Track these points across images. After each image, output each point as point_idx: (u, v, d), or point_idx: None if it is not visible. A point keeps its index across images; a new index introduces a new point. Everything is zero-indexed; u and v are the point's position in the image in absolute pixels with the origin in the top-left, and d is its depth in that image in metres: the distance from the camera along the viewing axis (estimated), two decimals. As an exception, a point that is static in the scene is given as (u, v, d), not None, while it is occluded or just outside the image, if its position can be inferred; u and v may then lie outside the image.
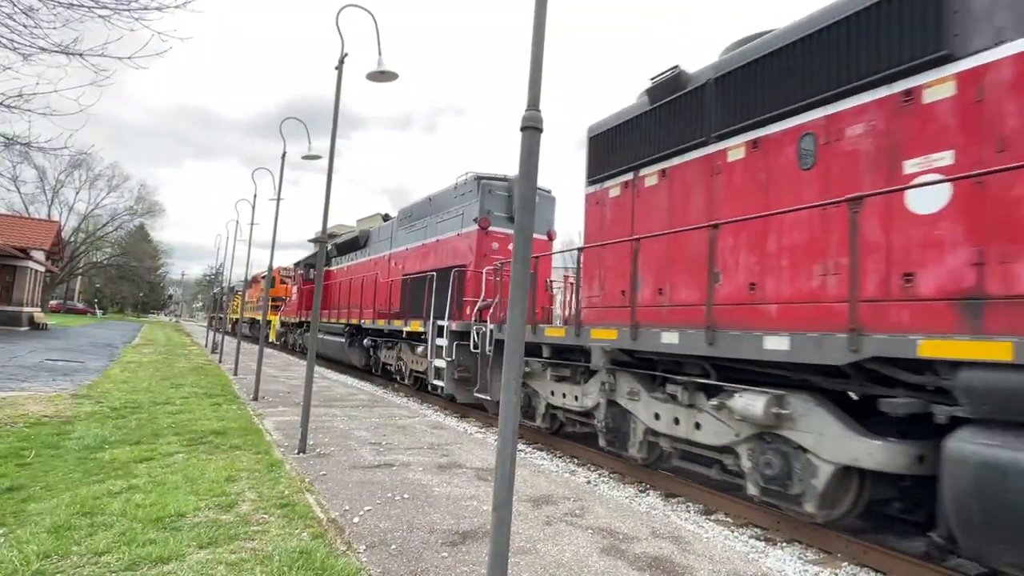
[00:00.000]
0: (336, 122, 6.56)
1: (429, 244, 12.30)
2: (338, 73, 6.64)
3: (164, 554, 3.35)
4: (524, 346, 2.50)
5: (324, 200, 6.66)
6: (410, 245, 13.11)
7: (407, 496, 4.82)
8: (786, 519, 4.93)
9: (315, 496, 4.69)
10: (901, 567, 4.09)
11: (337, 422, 8.20)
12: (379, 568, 3.40)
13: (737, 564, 3.82)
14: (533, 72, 2.56)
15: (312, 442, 6.60)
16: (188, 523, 3.89)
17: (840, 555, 4.42)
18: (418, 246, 12.75)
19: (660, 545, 4.05)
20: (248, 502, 4.41)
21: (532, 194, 2.51)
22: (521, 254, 2.48)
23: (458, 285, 10.40)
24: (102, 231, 60.80)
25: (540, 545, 3.91)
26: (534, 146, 2.48)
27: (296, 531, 3.85)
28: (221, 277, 28.70)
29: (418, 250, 12.72)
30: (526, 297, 2.52)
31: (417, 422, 8.69)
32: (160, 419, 7.56)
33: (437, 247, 11.90)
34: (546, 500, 4.97)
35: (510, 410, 2.47)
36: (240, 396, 10.20)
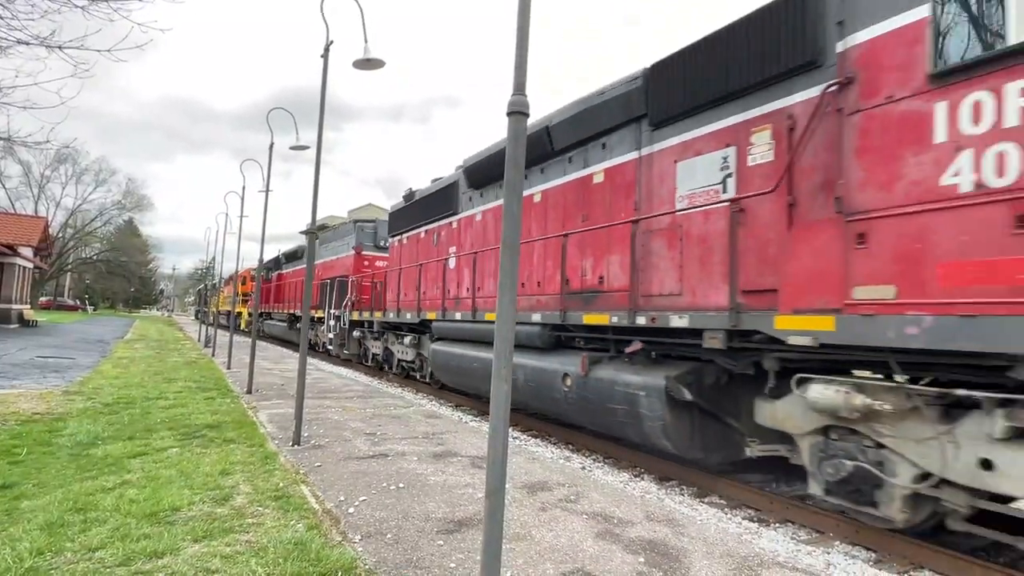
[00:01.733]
0: (323, 111, 6.48)
1: (331, 260, 18.22)
2: (324, 61, 6.54)
3: (158, 548, 3.34)
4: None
5: (312, 191, 6.60)
6: (325, 259, 18.57)
7: (402, 485, 4.83)
8: (779, 500, 4.98)
9: (310, 487, 4.69)
10: (892, 544, 4.14)
11: (331, 413, 8.19)
12: (374, 558, 3.41)
13: (731, 545, 3.85)
14: (519, 57, 2.52)
15: (307, 434, 6.59)
16: (182, 517, 3.88)
17: (832, 534, 4.47)
18: (328, 260, 18.42)
19: (654, 528, 4.08)
20: (243, 495, 4.41)
21: (520, 179, 2.49)
22: (509, 240, 2.46)
23: (340, 288, 15.99)
24: (90, 226, 60.18)
25: (535, 531, 3.93)
26: (520, 131, 2.45)
27: (291, 523, 3.85)
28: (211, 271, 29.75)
29: (328, 263, 18.35)
30: (515, 287, 2.51)
31: (412, 412, 8.69)
32: (153, 414, 7.53)
33: (335, 263, 17.79)
34: (541, 487, 4.99)
35: (502, 398, 2.46)
36: (234, 389, 10.17)
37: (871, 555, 4.17)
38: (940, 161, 3.48)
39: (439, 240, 11.16)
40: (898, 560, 4.03)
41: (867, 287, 3.77)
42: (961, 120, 3.41)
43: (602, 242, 6.66)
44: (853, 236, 3.87)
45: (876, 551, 4.18)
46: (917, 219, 3.54)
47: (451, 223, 10.68)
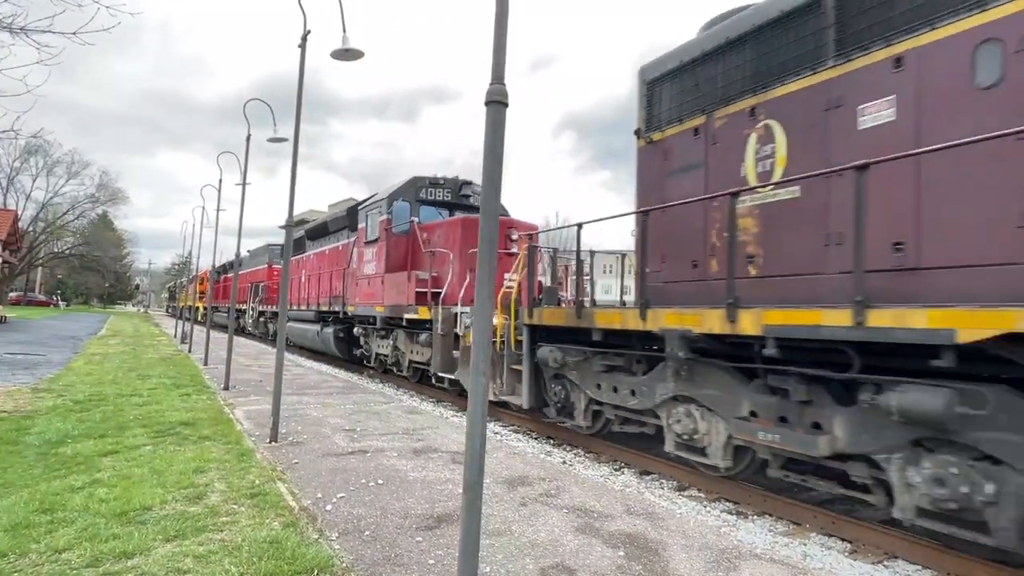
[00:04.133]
0: (300, 103, 6.37)
1: (253, 270, 25.61)
2: (301, 52, 6.43)
3: (128, 549, 3.26)
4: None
5: (290, 184, 6.49)
6: (250, 270, 25.92)
7: (381, 482, 4.78)
8: (756, 492, 5.03)
9: (287, 485, 4.62)
10: (868, 535, 4.20)
11: (310, 410, 8.09)
12: (352, 555, 3.36)
13: (709, 538, 3.87)
14: (497, 47, 2.48)
15: (284, 430, 6.50)
16: (154, 516, 3.79)
17: (809, 526, 4.52)
18: (251, 270, 25.83)
19: (634, 522, 4.09)
20: (217, 493, 4.32)
21: (499, 172, 2.45)
22: (488, 234, 2.42)
23: (255, 289, 24.12)
24: (62, 220, 58.70)
25: (515, 526, 3.91)
26: (499, 121, 2.41)
27: (266, 521, 3.78)
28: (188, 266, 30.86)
29: (252, 272, 25.65)
30: (493, 280, 2.47)
31: (392, 408, 8.62)
32: (126, 411, 7.36)
33: (257, 272, 25.07)
34: (521, 481, 4.97)
35: (479, 392, 2.43)
36: (210, 386, 10.00)
37: (847, 546, 4.22)
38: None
39: (300, 264, 18.64)
40: (872, 550, 4.09)
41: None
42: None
43: (337, 276, 14.73)
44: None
45: (851, 542, 4.24)
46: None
47: (303, 256, 18.55)
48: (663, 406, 5.68)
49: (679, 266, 5.90)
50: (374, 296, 12.09)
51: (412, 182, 11.82)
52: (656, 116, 6.43)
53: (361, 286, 12.80)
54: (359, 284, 12.89)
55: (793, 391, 4.49)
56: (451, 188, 12.16)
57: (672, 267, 6.01)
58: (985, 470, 3.51)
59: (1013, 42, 3.66)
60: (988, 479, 3.48)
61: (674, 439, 5.56)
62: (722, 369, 5.12)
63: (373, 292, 12.20)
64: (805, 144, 4.84)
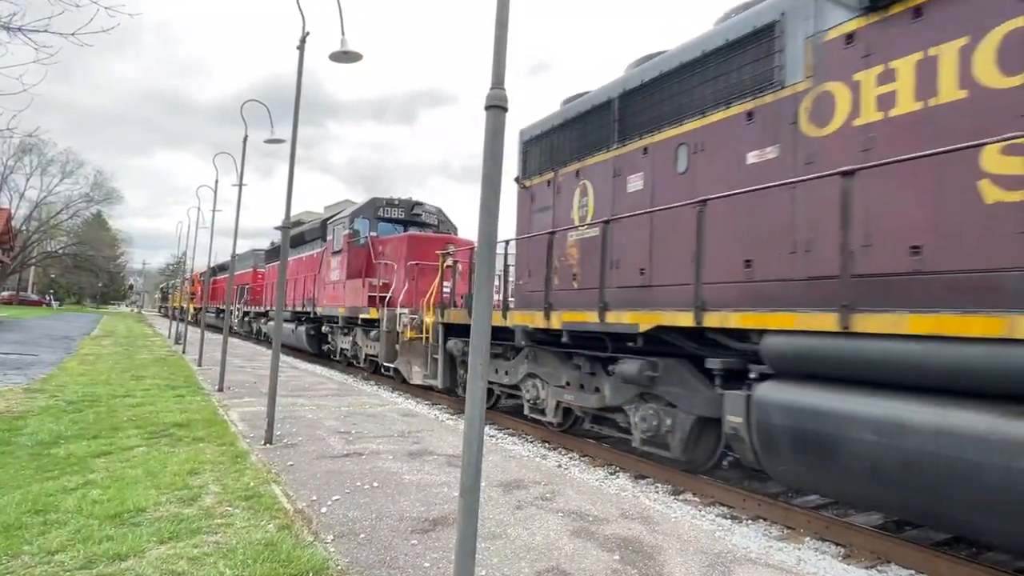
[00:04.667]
0: (298, 104, 6.37)
1: (240, 273, 25.02)
2: (300, 54, 6.43)
3: (122, 551, 3.24)
4: (484, 330, 2.46)
5: (287, 185, 6.48)
6: (237, 272, 23.27)
7: (376, 484, 4.77)
8: (751, 497, 5.04)
9: (281, 487, 4.61)
10: (860, 540, 4.22)
11: (305, 411, 8.06)
12: (347, 558, 3.35)
13: (704, 542, 3.88)
14: (497, 51, 2.49)
15: (279, 432, 6.48)
16: (148, 518, 3.77)
17: (803, 530, 4.54)
18: (239, 273, 24.65)
19: (629, 526, 4.10)
20: (212, 495, 4.30)
21: (498, 175, 2.46)
22: (487, 238, 2.43)
23: (242, 291, 24.77)
24: (56, 219, 58.33)
25: (511, 530, 3.91)
26: (499, 125, 2.42)
27: (261, 523, 3.77)
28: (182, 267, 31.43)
29: (239, 274, 24.83)
30: (492, 282, 2.48)
31: (387, 410, 8.61)
32: (120, 412, 7.32)
33: (244, 275, 25.36)
34: (517, 485, 4.97)
35: (477, 395, 2.43)
36: (204, 387, 9.96)
37: (840, 550, 4.24)
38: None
39: (270, 273, 21.81)
40: (866, 555, 4.10)
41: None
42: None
43: (311, 281, 16.21)
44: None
45: (845, 546, 4.26)
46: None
47: (272, 266, 21.32)
48: (522, 381, 7.73)
49: (536, 279, 7.79)
50: (338, 299, 14.08)
51: (372, 202, 14.30)
52: (528, 168, 8.59)
53: (328, 290, 14.89)
54: (327, 288, 15.01)
55: (583, 366, 6.66)
56: (405, 208, 14.48)
57: (534, 280, 8.01)
58: (667, 411, 5.55)
59: (693, 145, 5.86)
60: (668, 416, 5.53)
61: (527, 405, 7.62)
62: (551, 353, 7.14)
63: (337, 295, 14.22)
64: (602, 199, 7.04)
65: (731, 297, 5.14)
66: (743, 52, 5.42)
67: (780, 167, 4.94)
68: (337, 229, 14.68)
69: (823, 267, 4.47)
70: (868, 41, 4.47)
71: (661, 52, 6.49)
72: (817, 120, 4.76)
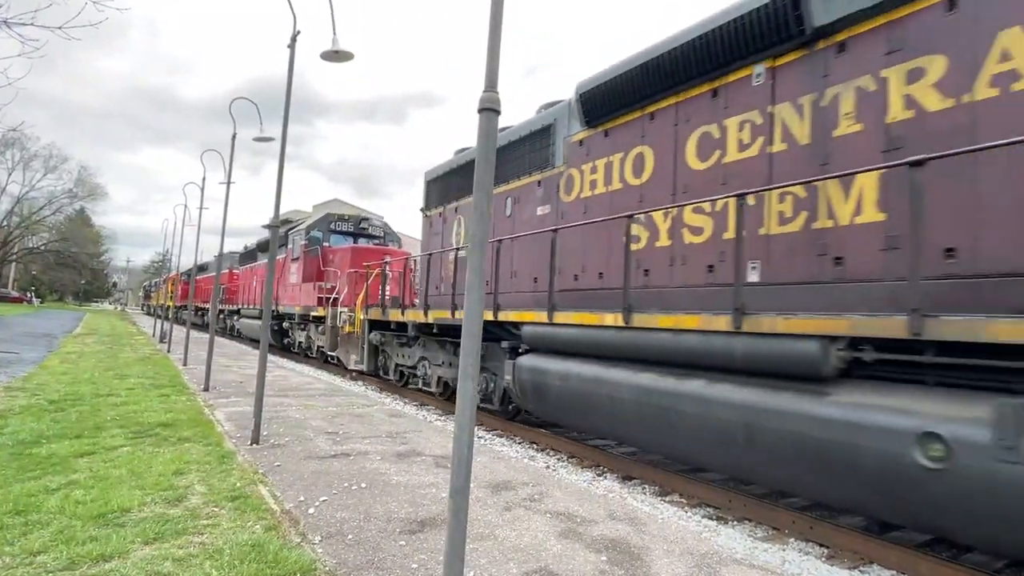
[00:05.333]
0: (288, 103, 6.33)
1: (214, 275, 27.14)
2: (290, 52, 6.39)
3: (105, 552, 3.20)
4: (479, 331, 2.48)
5: (276, 184, 6.44)
6: (212, 274, 24.61)
7: (364, 485, 4.76)
8: (737, 498, 5.09)
9: (268, 487, 4.58)
10: (844, 540, 4.28)
11: (292, 412, 8.01)
12: (334, 559, 3.34)
13: (690, 543, 3.92)
14: (491, 53, 2.50)
15: (266, 432, 6.43)
16: (132, 519, 3.73)
17: (787, 531, 4.59)
18: (212, 275, 23.76)
19: (616, 527, 4.12)
20: (198, 495, 4.27)
21: (490, 177, 2.47)
22: (479, 237, 2.44)
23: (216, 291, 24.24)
24: (38, 215, 57.44)
25: (499, 531, 3.92)
26: (492, 128, 2.43)
27: (248, 524, 3.74)
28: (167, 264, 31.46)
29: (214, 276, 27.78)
30: (482, 284, 2.49)
31: (375, 410, 8.58)
32: (103, 411, 7.23)
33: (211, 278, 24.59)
34: (505, 486, 4.98)
35: (468, 396, 2.44)
36: (190, 387, 9.86)
37: (824, 551, 4.30)
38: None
39: (252, 271, 22.38)
40: (849, 556, 4.16)
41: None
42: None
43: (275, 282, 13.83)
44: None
45: (828, 547, 4.31)
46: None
47: (254, 265, 22.27)
48: (418, 363, 10.35)
49: (436, 285, 10.27)
50: (295, 299, 16.72)
51: (325, 217, 17.22)
52: (429, 201, 11.21)
53: (288, 291, 17.53)
54: (287, 289, 17.62)
55: (450, 350, 9.26)
56: (353, 222, 17.22)
57: (425, 287, 10.31)
58: (491, 378, 8.30)
59: (514, 198, 8.41)
60: (491, 382, 8.31)
61: (420, 381, 10.29)
62: (434, 340, 9.67)
63: (294, 296, 16.91)
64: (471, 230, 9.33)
65: (526, 301, 7.70)
66: (539, 140, 8.02)
67: (551, 219, 7.59)
68: (296, 238, 17.19)
69: (565, 284, 7.20)
70: (588, 145, 7.14)
71: (510, 126, 8.82)
72: (566, 191, 7.50)
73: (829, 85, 4.67)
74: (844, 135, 4.54)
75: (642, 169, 6.37)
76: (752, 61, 5.25)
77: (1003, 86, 3.68)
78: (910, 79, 4.18)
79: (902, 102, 4.21)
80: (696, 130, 5.76)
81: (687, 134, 5.86)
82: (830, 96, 4.65)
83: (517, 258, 8.05)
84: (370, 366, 11.81)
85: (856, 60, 4.50)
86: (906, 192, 3.71)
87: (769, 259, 5.00)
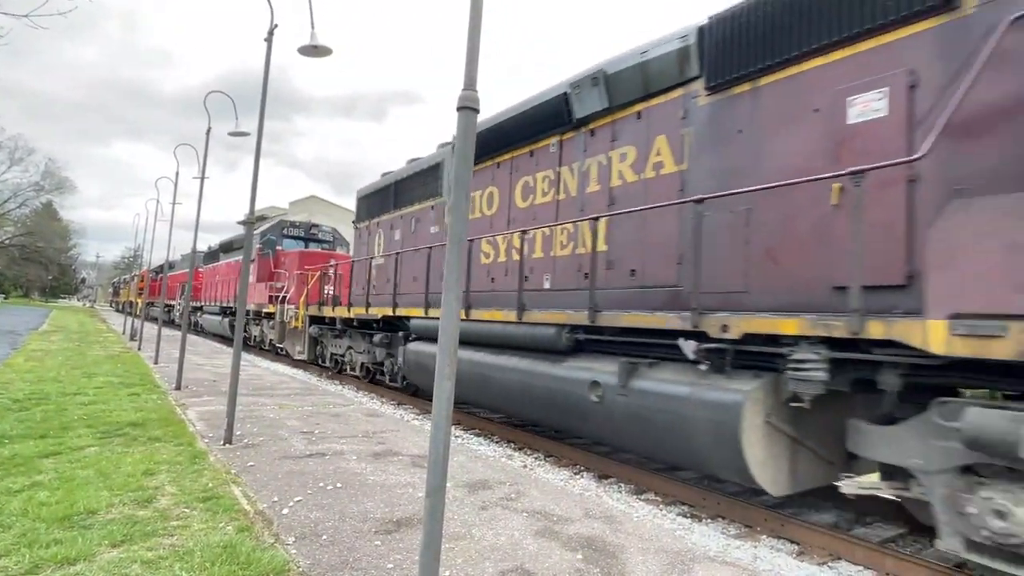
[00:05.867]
0: (265, 98, 6.24)
1: (181, 272, 28.03)
2: (267, 46, 6.30)
3: (71, 555, 3.12)
4: (454, 329, 2.48)
5: (252, 180, 6.34)
6: (179, 271, 29.18)
7: (340, 485, 4.71)
8: (711, 496, 5.16)
9: (241, 488, 4.51)
10: (813, 538, 4.37)
11: (267, 411, 7.90)
12: (308, 560, 3.30)
13: (665, 541, 3.96)
14: (470, 52, 2.50)
15: (239, 432, 6.33)
16: (99, 521, 3.64)
17: (760, 529, 4.67)
18: (179, 272, 28.84)
19: (592, 525, 4.15)
20: (168, 496, 4.18)
21: (468, 175, 2.46)
22: (457, 236, 2.44)
23: (182, 289, 24.59)
24: (3, 208, 55.65)
25: (475, 530, 3.92)
26: (471, 127, 2.43)
27: (220, 524, 3.68)
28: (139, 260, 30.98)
29: (181, 274, 27.63)
30: (460, 283, 2.48)
31: (352, 410, 8.50)
32: (70, 410, 7.04)
33: (184, 274, 23.65)
34: (482, 485, 4.98)
35: (445, 395, 2.43)
36: (161, 385, 9.66)
37: (794, 548, 4.38)
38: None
39: (215, 271, 24.07)
40: (818, 552, 4.25)
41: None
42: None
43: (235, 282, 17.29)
44: None
45: (799, 544, 4.40)
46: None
47: (217, 264, 24.22)
48: (346, 351, 12.33)
49: (359, 287, 11.64)
50: (252, 297, 17.97)
51: (279, 223, 19.30)
52: (359, 215, 12.71)
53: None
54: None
55: (367, 339, 11.19)
56: (304, 228, 19.36)
57: (354, 289, 11.97)
58: (395, 361, 10.32)
59: (418, 219, 10.13)
60: (395, 364, 10.35)
61: (348, 368, 12.32)
62: (358, 332, 11.70)
63: (250, 294, 18.12)
64: (386, 242, 11.26)
65: (417, 301, 9.08)
66: (432, 174, 9.78)
67: (440, 237, 9.07)
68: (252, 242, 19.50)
69: (438, 288, 7.84)
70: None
71: (420, 157, 10.66)
72: (447, 217, 8.65)
73: (586, 157, 6.71)
74: (591, 191, 6.60)
75: (492, 204, 8.30)
76: (550, 135, 7.21)
77: (657, 171, 5.79)
78: (620, 159, 6.23)
79: (617, 174, 6.28)
80: (521, 179, 7.75)
81: (516, 181, 7.82)
82: (587, 164, 6.69)
83: (413, 267, 9.68)
84: (310, 355, 13.88)
85: (597, 143, 6.54)
86: (616, 232, 6.11)
87: (555, 272, 6.98)
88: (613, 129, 6.27)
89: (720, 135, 5.10)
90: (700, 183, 5.15)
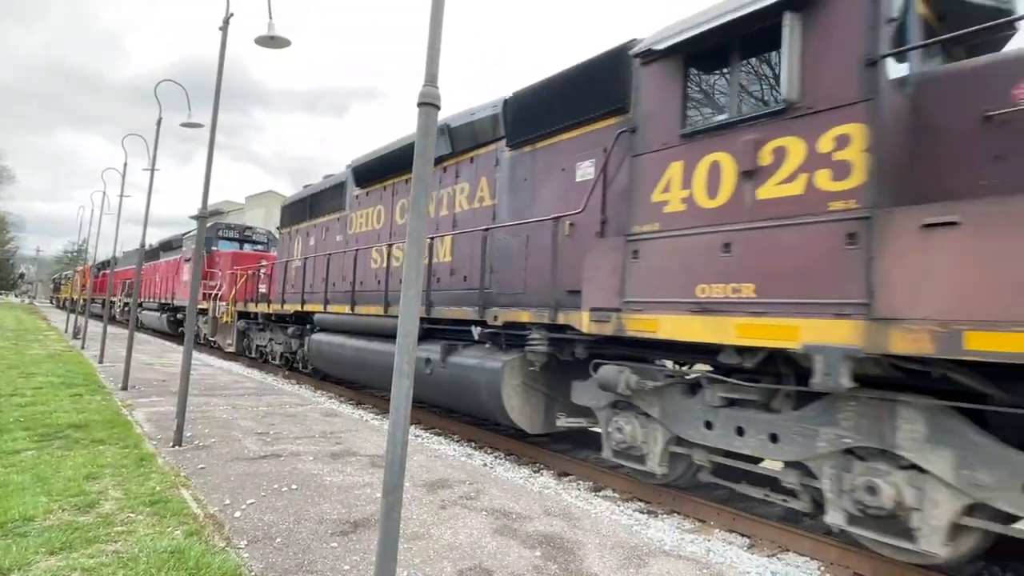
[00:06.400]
0: (219, 87, 6.06)
1: (125, 269, 28.00)
2: (223, 35, 6.12)
3: (4, 564, 2.96)
4: (417, 326, 2.46)
5: (205, 173, 6.14)
6: (123, 268, 28.27)
7: (295, 487, 4.61)
8: (668, 492, 5.27)
9: (191, 491, 4.36)
10: (764, 531, 4.51)
11: (219, 412, 7.67)
12: (262, 563, 3.22)
13: (622, 536, 4.02)
14: (431, 48, 2.48)
15: (190, 433, 6.13)
16: (36, 528, 3.47)
17: (713, 523, 4.79)
18: (123, 269, 28.24)
19: (551, 523, 4.18)
20: (112, 501, 4.02)
21: (428, 172, 2.45)
22: (416, 234, 2.42)
23: (124, 286, 26.30)
24: (-68, 198, 52.30)
25: (434, 529, 3.90)
26: (431, 123, 2.41)
27: (168, 529, 3.55)
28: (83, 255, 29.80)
29: (125, 271, 27.88)
30: (419, 281, 2.47)
31: (309, 410, 8.33)
32: (5, 412, 6.68)
33: (128, 271, 26.72)
34: (442, 484, 4.95)
35: (403, 394, 2.41)
36: (106, 386, 9.25)
37: (746, 541, 4.51)
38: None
39: (154, 268, 24.96)
40: (768, 545, 4.39)
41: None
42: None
43: (174, 279, 21.17)
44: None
45: (750, 537, 4.54)
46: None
47: (157, 262, 24.96)
48: (268, 343, 13.62)
49: (278, 286, 12.96)
50: (186, 293, 21.16)
51: (215, 225, 19.99)
52: (283, 222, 13.95)
53: (182, 287, 20.05)
54: (181, 286, 20.29)
55: (284, 331, 12.59)
56: (238, 231, 20.52)
57: (276, 287, 13.35)
58: (302, 351, 11.95)
59: (327, 228, 11.58)
60: (301, 349, 12.13)
61: (270, 357, 13.60)
62: (278, 326, 13.03)
63: (186, 291, 20.35)
64: (304, 248, 12.46)
65: (322, 299, 10.36)
66: (338, 191, 11.11)
67: (344, 245, 10.49)
68: (188, 242, 20.39)
69: (339, 288, 10.21)
70: (360, 199, 10.25)
71: (333, 174, 11.98)
72: (350, 227, 10.54)
73: (441, 188, 8.11)
74: (443, 215, 8.06)
75: (379, 219, 9.71)
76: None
77: (480, 203, 7.41)
78: (460, 192, 7.78)
79: (458, 203, 7.80)
80: (399, 201, 9.20)
81: (397, 202, 9.26)
82: (441, 194, 8.11)
83: (319, 270, 11.10)
84: (239, 348, 15.10)
85: (448, 178, 8.01)
86: (457, 247, 7.63)
87: (439, 277, 8.02)
88: (457, 168, 7.93)
89: (515, 181, 6.86)
90: (504, 214, 6.96)
